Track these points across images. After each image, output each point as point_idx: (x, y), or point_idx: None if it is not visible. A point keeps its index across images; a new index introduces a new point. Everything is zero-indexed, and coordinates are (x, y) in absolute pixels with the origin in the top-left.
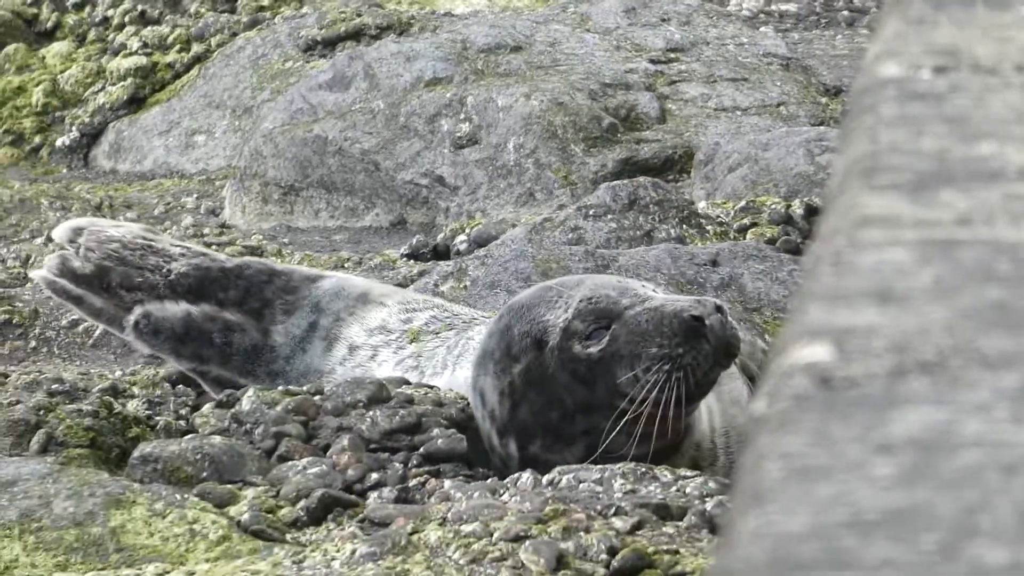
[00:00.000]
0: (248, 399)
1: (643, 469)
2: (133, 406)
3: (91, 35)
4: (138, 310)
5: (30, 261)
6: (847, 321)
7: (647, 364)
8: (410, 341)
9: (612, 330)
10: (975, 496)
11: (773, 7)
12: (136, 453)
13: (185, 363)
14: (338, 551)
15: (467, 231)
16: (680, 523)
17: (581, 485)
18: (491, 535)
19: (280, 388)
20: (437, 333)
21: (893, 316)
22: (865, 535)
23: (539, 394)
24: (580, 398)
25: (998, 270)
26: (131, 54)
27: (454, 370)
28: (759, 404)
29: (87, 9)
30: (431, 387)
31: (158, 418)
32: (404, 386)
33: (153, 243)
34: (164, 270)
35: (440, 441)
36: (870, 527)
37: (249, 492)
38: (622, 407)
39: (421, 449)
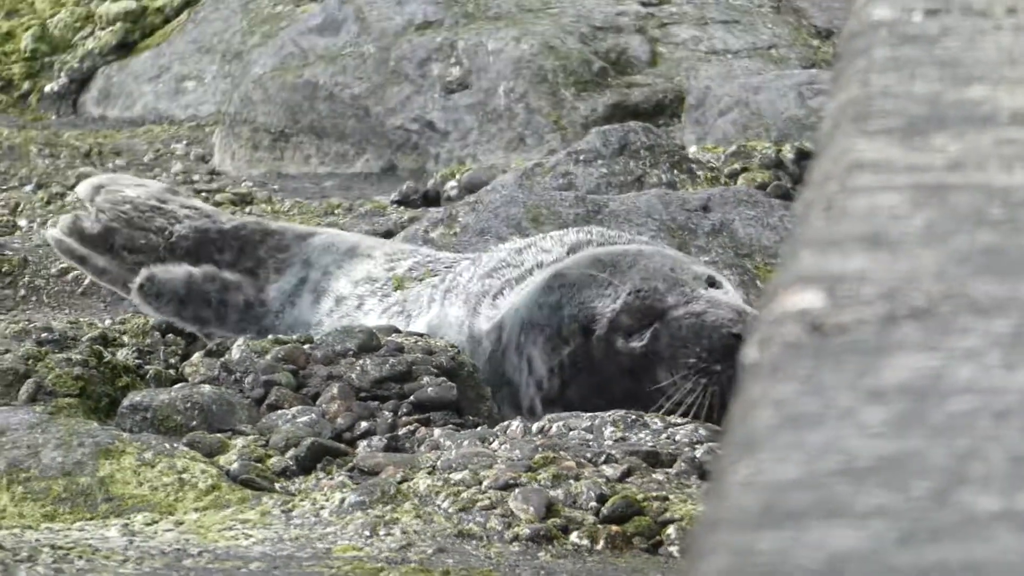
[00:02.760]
0: (238, 348)
1: (633, 416)
2: (123, 355)
3: None
4: (143, 273)
5: (19, 209)
6: (838, 267)
7: (684, 373)
8: (395, 288)
9: (654, 329)
10: (966, 443)
11: None
12: (126, 402)
13: (189, 325)
14: (327, 500)
15: (457, 177)
16: (670, 470)
17: (571, 433)
18: (480, 483)
19: (270, 337)
20: (420, 279)
21: (884, 262)
22: (857, 482)
23: (588, 379)
24: (624, 388)
25: (990, 214)
26: None
27: (442, 305)
28: (751, 351)
29: None
30: (421, 335)
31: (148, 367)
32: (394, 334)
33: (164, 205)
34: (166, 232)
35: (430, 389)
36: (862, 474)
37: (238, 441)
38: (660, 404)
39: (411, 397)
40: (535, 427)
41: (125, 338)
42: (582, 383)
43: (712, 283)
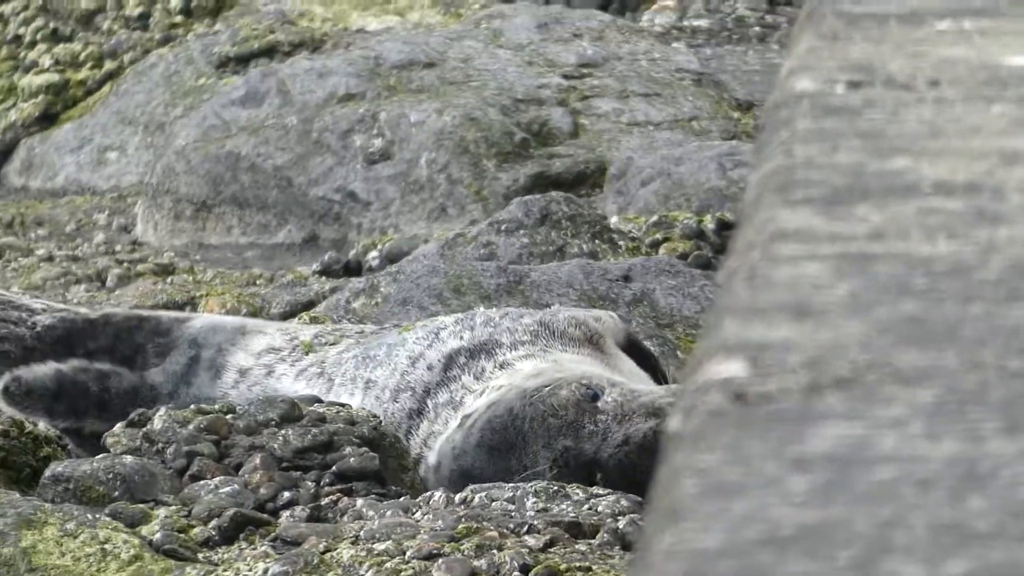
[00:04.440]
0: (160, 418)
1: (555, 487)
2: (44, 426)
3: (3, 52)
4: (6, 376)
5: None
6: (762, 336)
7: None
8: (305, 352)
9: (599, 478)
10: (890, 512)
11: (685, 23)
12: (48, 473)
13: (60, 420)
14: (250, 570)
15: (379, 247)
16: (592, 541)
17: (494, 503)
18: (404, 553)
19: (192, 407)
20: (334, 343)
21: (808, 331)
22: (781, 551)
23: None
24: None
25: (912, 284)
26: (43, 71)
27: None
28: (674, 421)
29: None
30: (343, 405)
31: (68, 438)
32: (316, 404)
33: (12, 299)
34: (29, 322)
35: (352, 459)
36: (786, 543)
37: (161, 511)
38: None
39: (334, 467)
40: (458, 498)
41: None
42: None
43: (594, 396)
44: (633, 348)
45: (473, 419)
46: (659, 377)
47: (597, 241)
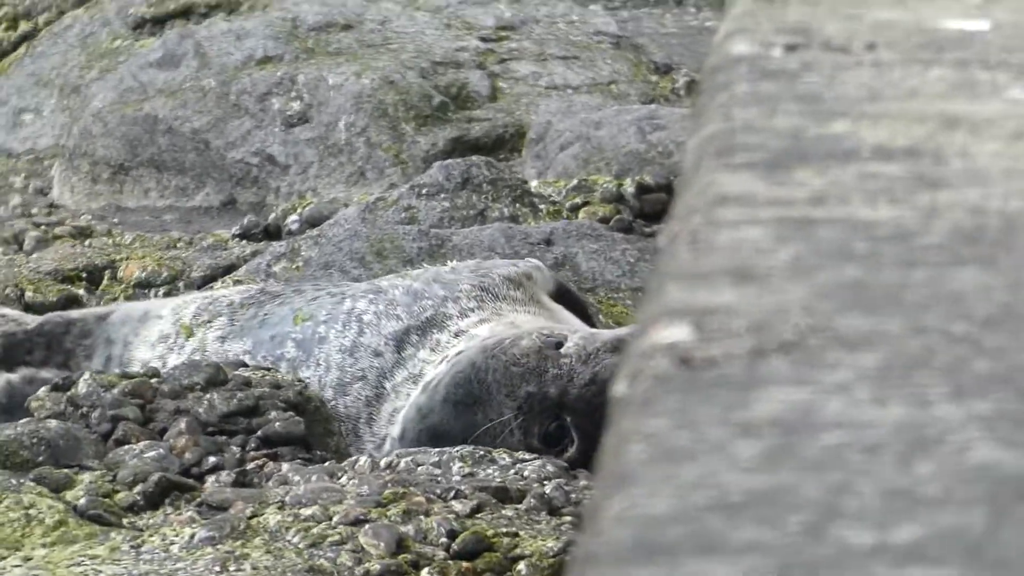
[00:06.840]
0: (84, 382)
1: (481, 452)
2: None
3: None
4: None
5: None
6: (706, 301)
7: None
8: (187, 337)
9: (570, 423)
10: (838, 477)
11: None
12: None
13: None
14: (176, 535)
15: (299, 211)
16: (519, 506)
17: (419, 468)
18: (330, 519)
19: (116, 371)
20: (210, 322)
21: (752, 295)
22: (730, 517)
23: None
24: None
25: (854, 249)
26: None
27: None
28: (620, 386)
29: None
30: (269, 369)
31: None
32: (242, 368)
33: None
34: None
35: (278, 424)
36: (735, 509)
37: (86, 476)
38: None
39: (259, 432)
40: (383, 463)
41: None
42: None
43: (557, 343)
44: (565, 296)
45: (436, 380)
46: (592, 322)
47: (518, 205)
